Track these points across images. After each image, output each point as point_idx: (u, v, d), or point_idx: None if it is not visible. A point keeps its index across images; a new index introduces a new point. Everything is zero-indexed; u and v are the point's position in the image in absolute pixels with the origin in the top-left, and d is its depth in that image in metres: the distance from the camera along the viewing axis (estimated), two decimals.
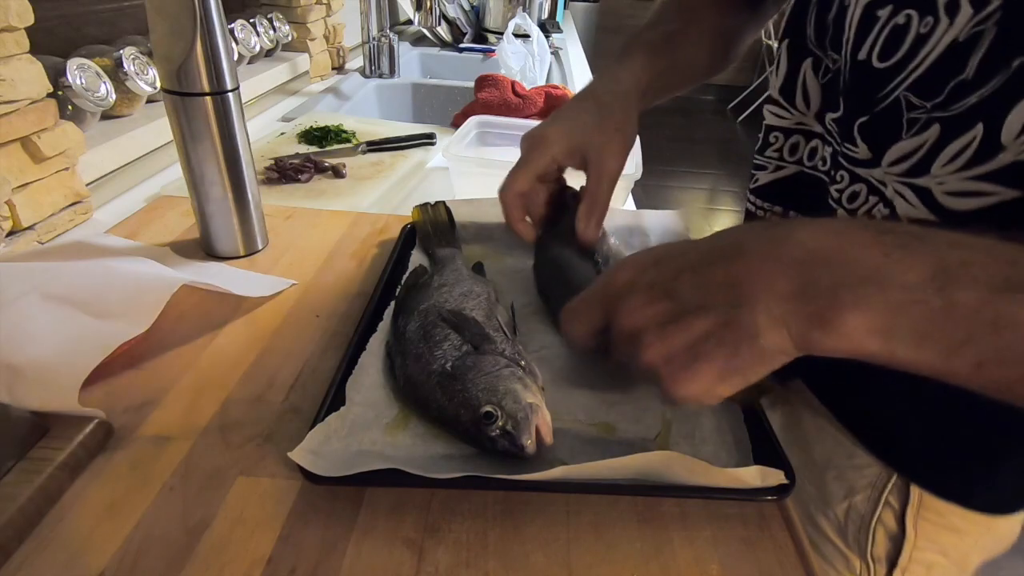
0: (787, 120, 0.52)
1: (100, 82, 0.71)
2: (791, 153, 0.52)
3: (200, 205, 0.56)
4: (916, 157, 0.39)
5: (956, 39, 0.36)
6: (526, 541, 0.33)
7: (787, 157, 0.52)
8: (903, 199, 0.40)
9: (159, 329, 0.43)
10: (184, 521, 0.32)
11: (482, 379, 0.37)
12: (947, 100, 0.36)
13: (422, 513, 0.34)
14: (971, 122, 0.35)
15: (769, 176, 0.55)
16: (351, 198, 0.74)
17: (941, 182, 0.38)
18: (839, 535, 0.52)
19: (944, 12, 0.36)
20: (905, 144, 0.39)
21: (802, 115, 0.50)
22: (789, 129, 0.52)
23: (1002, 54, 0.34)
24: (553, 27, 1.99)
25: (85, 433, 0.35)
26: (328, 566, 0.31)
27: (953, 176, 0.37)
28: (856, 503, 0.50)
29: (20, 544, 0.31)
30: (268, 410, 0.40)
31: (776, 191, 0.55)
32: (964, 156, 0.36)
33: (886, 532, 0.49)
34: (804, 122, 0.50)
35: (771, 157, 0.54)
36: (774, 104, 0.53)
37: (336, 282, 0.55)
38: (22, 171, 0.57)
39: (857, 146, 0.43)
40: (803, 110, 0.50)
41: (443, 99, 1.36)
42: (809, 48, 0.48)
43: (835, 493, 0.51)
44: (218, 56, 0.50)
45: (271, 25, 1.15)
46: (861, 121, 0.42)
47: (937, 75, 0.37)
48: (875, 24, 0.40)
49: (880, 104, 0.40)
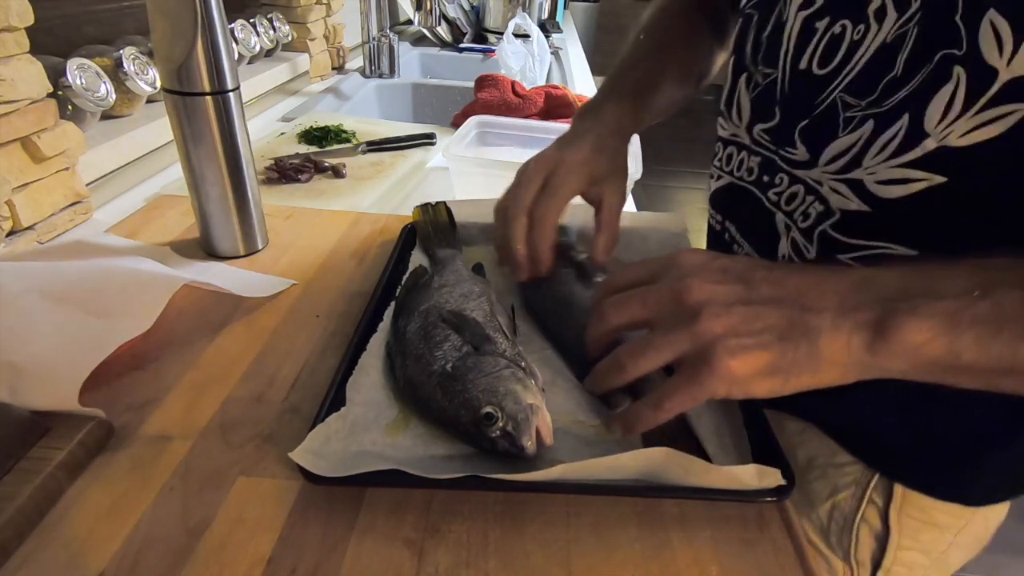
0: (726, 131, 0.55)
1: (100, 82, 0.71)
2: (727, 163, 0.55)
3: (200, 205, 0.56)
4: (851, 153, 0.41)
5: (885, 41, 0.39)
6: (526, 541, 0.33)
7: (724, 167, 0.55)
8: (837, 194, 0.42)
9: (159, 328, 0.43)
10: (184, 521, 0.32)
11: (482, 380, 0.37)
12: (880, 97, 0.39)
13: (422, 513, 0.34)
14: (899, 114, 0.38)
15: (715, 184, 0.58)
16: (351, 198, 0.74)
17: (872, 172, 0.40)
18: (821, 537, 0.52)
19: (873, 18, 0.39)
20: (840, 142, 0.41)
21: (736, 127, 0.53)
22: (727, 140, 0.55)
23: (925, 50, 0.36)
24: (553, 27, 1.99)
25: (85, 433, 0.35)
26: (328, 566, 0.31)
27: (882, 166, 0.39)
28: (839, 502, 0.50)
29: (20, 544, 0.31)
30: (268, 410, 0.40)
31: (718, 200, 0.58)
32: (892, 146, 0.38)
33: (870, 530, 0.49)
34: (737, 134, 0.53)
35: (715, 166, 0.57)
36: (720, 115, 0.56)
37: (336, 282, 0.55)
38: (22, 171, 0.57)
39: (796, 148, 0.45)
40: (736, 122, 0.53)
41: (443, 99, 1.36)
42: (745, 64, 0.51)
43: (819, 493, 0.51)
44: (219, 56, 0.50)
45: (271, 25, 1.15)
46: (801, 125, 0.44)
47: (870, 75, 0.40)
48: (813, 36, 0.43)
49: (818, 108, 0.43)
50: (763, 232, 0.50)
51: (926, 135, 0.36)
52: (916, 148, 0.37)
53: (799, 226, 0.46)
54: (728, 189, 0.55)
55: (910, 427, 0.46)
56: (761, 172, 0.50)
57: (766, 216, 0.49)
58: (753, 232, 0.52)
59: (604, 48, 4.54)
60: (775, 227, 0.48)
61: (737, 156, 0.53)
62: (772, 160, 0.48)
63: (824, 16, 0.43)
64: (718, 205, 0.58)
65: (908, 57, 0.37)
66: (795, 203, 0.46)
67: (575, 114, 0.56)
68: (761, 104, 0.49)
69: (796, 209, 0.46)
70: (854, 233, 0.42)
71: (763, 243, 0.50)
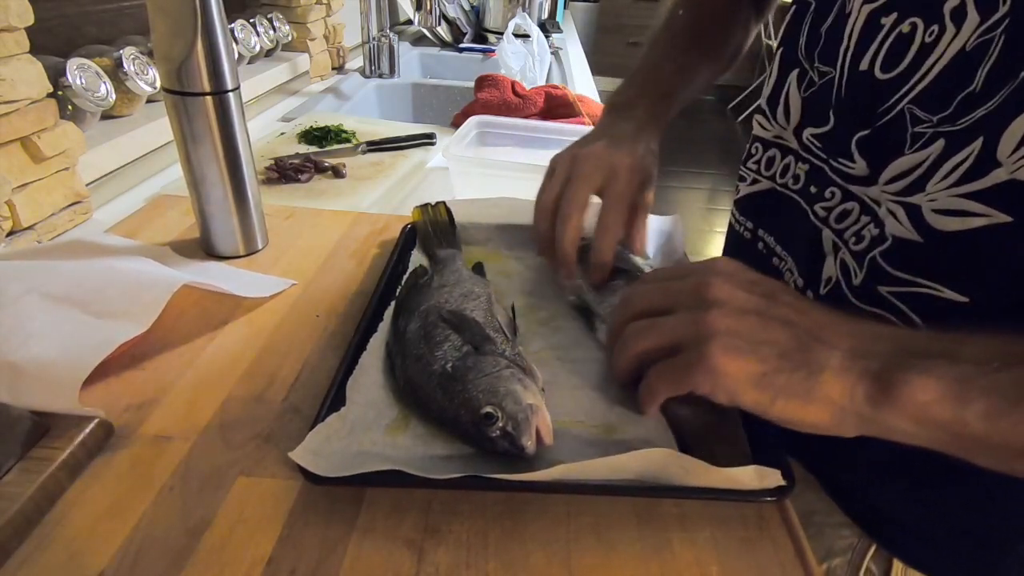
0: (768, 132, 0.51)
1: (100, 82, 0.71)
2: (767, 167, 0.51)
3: (200, 205, 0.56)
4: (916, 174, 0.36)
5: (963, 48, 0.34)
6: (526, 541, 0.33)
7: (763, 171, 0.51)
8: (894, 218, 0.38)
9: (159, 328, 0.43)
10: (184, 521, 0.32)
11: (482, 380, 0.37)
12: (954, 114, 0.34)
13: (422, 513, 0.34)
14: (973, 136, 0.33)
15: (747, 188, 0.54)
16: (351, 198, 0.74)
17: (932, 199, 0.36)
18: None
19: (950, 19, 0.34)
20: (906, 160, 0.37)
21: (781, 128, 0.49)
22: (768, 141, 0.51)
23: (1010, 64, 0.32)
24: (553, 27, 1.99)
25: (85, 433, 0.35)
26: (328, 566, 0.31)
27: (944, 193, 0.35)
28: (834, 567, 0.47)
29: (20, 544, 0.31)
30: (268, 410, 0.40)
31: (752, 206, 0.53)
32: (958, 172, 0.34)
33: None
34: (782, 136, 0.49)
35: (750, 169, 0.53)
36: (760, 113, 0.52)
37: (336, 282, 0.55)
38: (22, 171, 0.57)
39: (854, 162, 0.41)
40: (783, 123, 0.48)
41: (443, 99, 1.36)
42: (799, 59, 0.46)
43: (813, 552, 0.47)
44: (218, 56, 0.50)
45: (271, 25, 1.14)
46: (860, 136, 0.40)
47: (944, 87, 0.35)
48: (878, 33, 0.38)
49: (882, 118, 0.39)
50: (807, 248, 0.45)
51: (997, 164, 0.32)
52: (984, 178, 0.33)
53: (851, 248, 0.41)
54: (766, 195, 0.50)
55: (920, 502, 0.42)
56: (809, 182, 0.45)
57: (811, 231, 0.45)
58: (795, 246, 0.48)
59: (604, 48, 4.54)
60: (821, 244, 0.44)
61: (781, 160, 0.49)
62: (822, 170, 0.44)
63: (891, 11, 0.38)
64: (749, 211, 0.54)
65: (990, 71, 0.33)
66: (847, 222, 0.42)
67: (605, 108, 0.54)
68: (814, 105, 0.45)
69: (848, 229, 0.42)
70: (901, 265, 0.38)
71: (807, 260, 0.46)
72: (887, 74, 0.38)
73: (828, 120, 0.43)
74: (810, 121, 0.45)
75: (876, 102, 0.39)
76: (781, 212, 0.49)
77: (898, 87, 0.37)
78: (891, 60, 0.38)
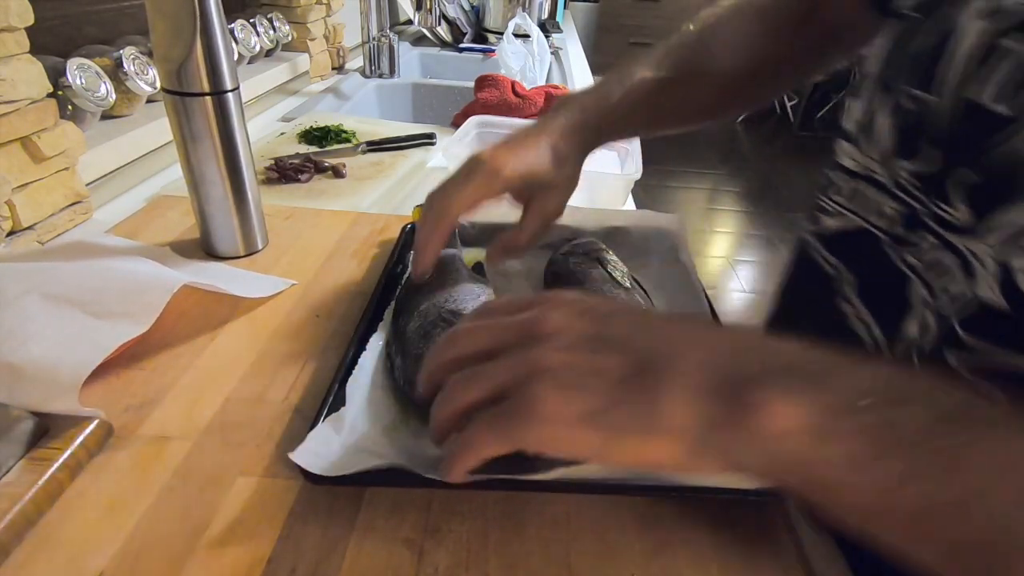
0: (854, 162, 0.43)
1: (100, 82, 0.71)
2: (850, 200, 0.44)
3: (200, 205, 0.56)
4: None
5: None
6: (526, 541, 0.33)
7: (846, 204, 0.44)
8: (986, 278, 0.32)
9: (159, 329, 0.43)
10: (184, 521, 0.32)
11: None
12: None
13: (422, 513, 0.34)
14: None
15: (829, 221, 0.46)
16: (351, 198, 0.74)
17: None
18: None
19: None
20: (1019, 213, 0.31)
21: (867, 158, 0.42)
22: (853, 172, 0.43)
23: None
24: (553, 27, 1.98)
25: (85, 433, 0.36)
26: (328, 566, 0.31)
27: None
28: None
29: (20, 544, 0.31)
30: (268, 410, 0.40)
31: (835, 242, 0.46)
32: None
33: None
34: (871, 168, 0.42)
35: (834, 201, 0.46)
36: (845, 139, 0.44)
37: (336, 282, 0.55)
38: (22, 171, 0.57)
39: (955, 208, 0.34)
40: (870, 153, 0.41)
41: (443, 99, 1.36)
42: (891, 81, 0.40)
43: None
44: (218, 56, 0.50)
45: (271, 25, 1.14)
46: (963, 177, 0.34)
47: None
48: (995, 58, 0.32)
49: (993, 158, 0.32)
50: (888, 297, 0.39)
51: None
52: None
53: (940, 309, 0.35)
54: (849, 232, 0.43)
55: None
56: (900, 224, 0.39)
57: (897, 278, 0.38)
58: (876, 295, 0.41)
59: (604, 48, 4.54)
60: (907, 296, 0.38)
61: (868, 195, 0.42)
62: (916, 212, 0.37)
63: (1014, 34, 0.32)
64: (835, 248, 0.45)
65: None
66: (937, 271, 0.36)
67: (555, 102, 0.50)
68: (907, 135, 0.38)
69: (939, 283, 0.36)
70: (978, 332, 0.33)
71: (886, 310, 0.40)
72: (1003, 106, 0.32)
73: (926, 154, 0.37)
74: (902, 152, 0.39)
75: (986, 139, 0.33)
76: (864, 253, 0.42)
77: (1017, 124, 0.31)
78: (1009, 90, 0.32)
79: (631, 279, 0.49)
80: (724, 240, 2.87)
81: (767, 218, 3.04)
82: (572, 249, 0.53)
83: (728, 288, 2.46)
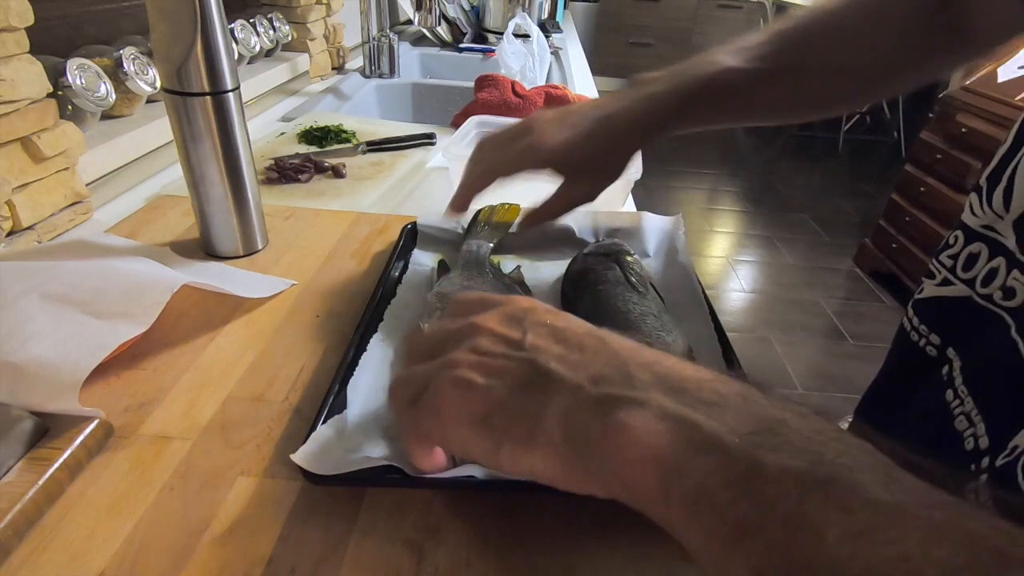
0: (977, 218, 0.38)
1: (100, 82, 0.71)
2: (966, 267, 0.38)
3: (200, 205, 0.56)
4: None
5: None
6: (527, 542, 0.33)
7: (960, 271, 0.38)
8: None
9: (159, 329, 0.43)
10: (184, 521, 0.32)
11: None
12: None
13: (422, 513, 0.34)
14: None
15: (933, 289, 0.40)
16: (351, 198, 0.74)
17: None
18: None
19: None
20: None
21: (996, 217, 0.36)
22: (974, 232, 0.38)
23: None
24: (553, 27, 1.98)
25: (85, 433, 0.35)
26: (328, 566, 0.31)
27: None
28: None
29: (20, 544, 0.31)
30: (268, 410, 0.40)
31: (935, 312, 0.40)
32: None
33: None
34: (994, 228, 0.36)
35: (943, 265, 0.40)
36: (976, 191, 0.38)
37: (336, 282, 0.55)
38: (22, 171, 0.57)
39: None
40: (999, 210, 0.36)
41: (443, 99, 1.36)
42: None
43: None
44: (218, 56, 0.50)
45: (271, 25, 1.15)
46: None
47: None
48: None
49: None
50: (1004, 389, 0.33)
51: None
52: None
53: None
54: (959, 304, 0.38)
55: None
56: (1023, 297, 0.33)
57: (1017, 367, 0.32)
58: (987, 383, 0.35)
59: (604, 48, 4.54)
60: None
61: (987, 261, 0.36)
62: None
63: None
64: (931, 318, 0.40)
65: None
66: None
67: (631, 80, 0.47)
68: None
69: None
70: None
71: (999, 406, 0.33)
72: None
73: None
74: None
75: None
76: (975, 332, 0.36)
77: None
78: None
79: (649, 284, 0.49)
80: (724, 240, 2.87)
81: (767, 218, 3.04)
82: (595, 248, 0.53)
83: (728, 288, 2.46)
